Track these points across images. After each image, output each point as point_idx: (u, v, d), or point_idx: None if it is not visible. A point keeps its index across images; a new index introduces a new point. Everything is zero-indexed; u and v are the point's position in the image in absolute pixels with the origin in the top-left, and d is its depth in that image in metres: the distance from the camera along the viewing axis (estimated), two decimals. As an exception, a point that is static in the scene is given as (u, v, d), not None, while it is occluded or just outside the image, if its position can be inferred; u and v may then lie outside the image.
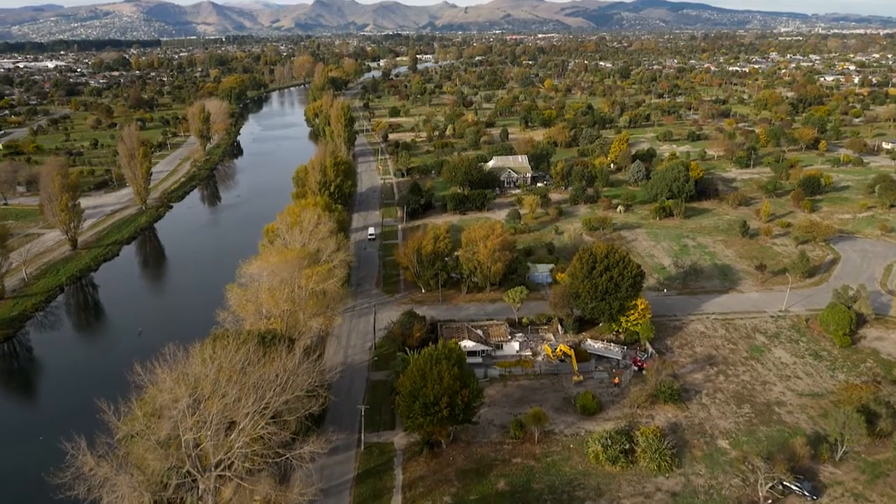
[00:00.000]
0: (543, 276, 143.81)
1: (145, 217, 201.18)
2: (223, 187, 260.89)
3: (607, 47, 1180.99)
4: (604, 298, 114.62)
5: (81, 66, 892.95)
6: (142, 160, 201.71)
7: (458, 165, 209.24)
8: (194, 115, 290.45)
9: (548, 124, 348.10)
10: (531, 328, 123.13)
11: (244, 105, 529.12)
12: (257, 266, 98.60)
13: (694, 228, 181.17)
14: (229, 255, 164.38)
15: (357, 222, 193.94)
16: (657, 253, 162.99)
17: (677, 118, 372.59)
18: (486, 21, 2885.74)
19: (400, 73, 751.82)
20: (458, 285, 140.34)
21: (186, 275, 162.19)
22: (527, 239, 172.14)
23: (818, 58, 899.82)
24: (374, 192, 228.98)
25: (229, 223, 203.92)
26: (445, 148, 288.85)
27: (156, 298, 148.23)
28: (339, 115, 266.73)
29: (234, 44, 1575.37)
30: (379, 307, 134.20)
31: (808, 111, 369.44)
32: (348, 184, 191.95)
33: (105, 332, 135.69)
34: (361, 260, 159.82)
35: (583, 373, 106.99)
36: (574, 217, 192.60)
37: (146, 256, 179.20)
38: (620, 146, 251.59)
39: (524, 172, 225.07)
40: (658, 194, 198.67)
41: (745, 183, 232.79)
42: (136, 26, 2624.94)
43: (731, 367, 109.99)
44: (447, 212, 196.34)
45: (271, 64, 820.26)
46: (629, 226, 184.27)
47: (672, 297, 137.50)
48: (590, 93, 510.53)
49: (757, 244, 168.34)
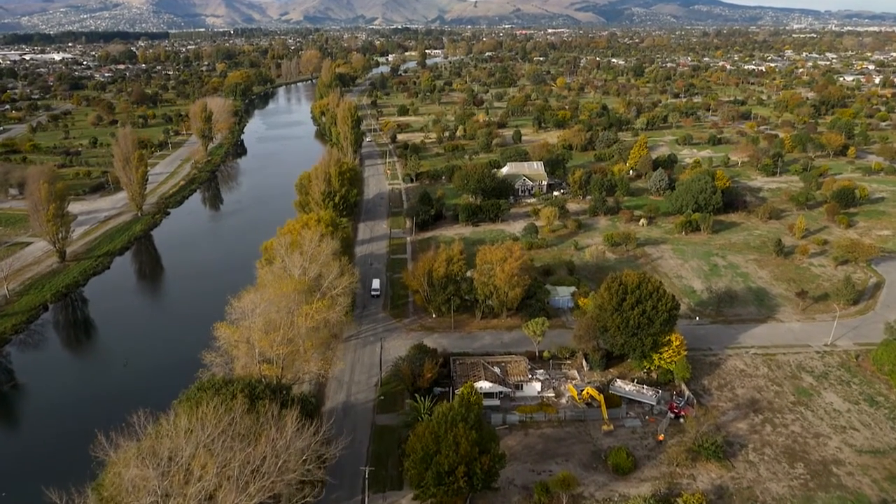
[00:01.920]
0: (564, 300, 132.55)
1: (140, 225, 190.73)
2: (224, 191, 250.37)
3: (619, 43, 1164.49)
4: (635, 334, 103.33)
5: (88, 59, 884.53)
6: (137, 164, 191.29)
7: (471, 173, 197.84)
8: (196, 114, 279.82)
9: (562, 125, 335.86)
10: (553, 363, 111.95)
11: (250, 101, 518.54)
12: (251, 299, 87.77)
13: (723, 245, 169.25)
14: (226, 270, 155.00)
15: (363, 233, 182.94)
16: (685, 273, 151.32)
17: (696, 120, 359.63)
18: (496, 15, 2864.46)
19: (409, 68, 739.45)
20: (471, 309, 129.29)
21: (180, 293, 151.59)
22: (544, 256, 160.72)
23: (835, 56, 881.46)
24: (381, 198, 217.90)
25: (229, 233, 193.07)
26: (456, 151, 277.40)
27: (145, 320, 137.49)
28: (345, 116, 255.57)
29: (241, 37, 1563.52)
30: (386, 334, 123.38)
31: (833, 114, 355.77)
32: (354, 192, 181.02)
33: (88, 359, 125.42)
34: (368, 278, 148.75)
35: (612, 419, 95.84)
36: (594, 230, 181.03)
37: (138, 271, 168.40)
38: (640, 152, 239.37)
39: (540, 180, 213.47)
40: (683, 206, 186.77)
41: (773, 193, 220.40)
42: (146, 18, 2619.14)
43: (779, 415, 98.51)
44: (459, 223, 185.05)
45: (278, 58, 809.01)
46: (653, 241, 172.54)
47: (705, 327, 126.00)
48: (603, 91, 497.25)
49: (792, 264, 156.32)
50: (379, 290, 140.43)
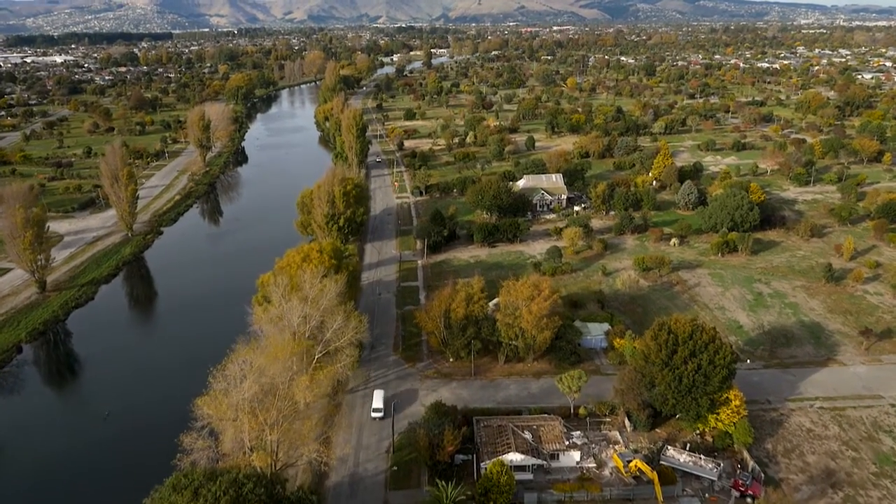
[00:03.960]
0: (598, 339, 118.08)
1: (130, 247, 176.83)
2: (222, 206, 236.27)
3: (626, 41, 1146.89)
4: (689, 393, 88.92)
5: (89, 61, 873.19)
6: (126, 182, 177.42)
7: (485, 188, 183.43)
8: (193, 122, 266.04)
9: (576, 130, 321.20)
10: (590, 421, 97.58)
11: (252, 105, 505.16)
12: (240, 365, 73.70)
13: (765, 269, 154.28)
14: (221, 304, 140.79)
15: (370, 256, 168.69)
16: (728, 304, 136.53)
17: (716, 123, 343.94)
18: (500, 13, 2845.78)
19: (414, 69, 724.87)
20: (492, 351, 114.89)
21: (169, 330, 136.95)
22: (570, 284, 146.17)
23: (849, 52, 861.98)
24: (389, 214, 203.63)
25: (225, 257, 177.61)
26: (467, 159, 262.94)
27: (130, 363, 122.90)
28: (350, 125, 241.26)
29: (245, 37, 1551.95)
30: (397, 383, 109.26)
31: (862, 116, 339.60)
32: (360, 211, 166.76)
33: (65, 409, 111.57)
34: (375, 312, 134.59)
35: (666, 498, 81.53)
36: (621, 251, 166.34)
37: (125, 302, 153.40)
38: (664, 161, 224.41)
39: (559, 194, 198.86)
40: (718, 224, 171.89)
41: (810, 205, 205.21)
42: (150, 18, 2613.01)
43: (861, 492, 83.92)
44: (474, 244, 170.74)
45: (282, 59, 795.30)
46: (687, 264, 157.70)
47: (759, 372, 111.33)
48: (616, 92, 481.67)
49: (845, 292, 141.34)
50: (381, 410, 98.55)
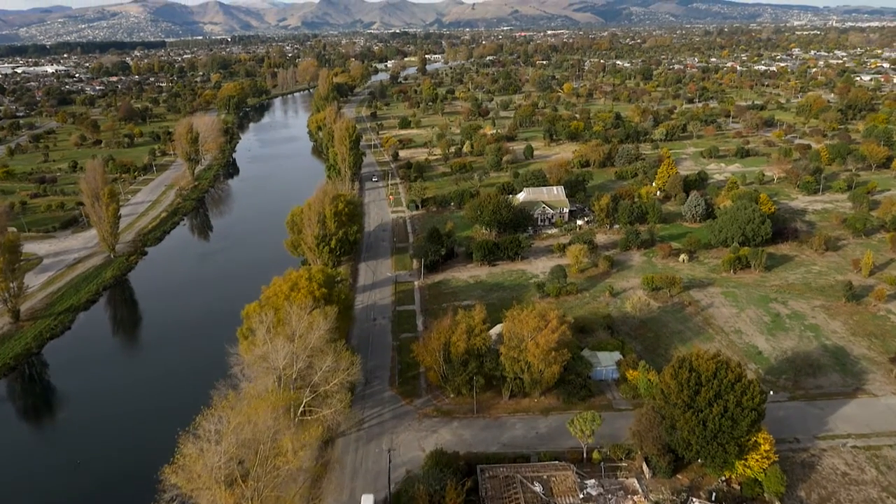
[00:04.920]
0: (609, 370, 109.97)
1: (111, 270, 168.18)
2: (211, 222, 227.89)
3: (621, 44, 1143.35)
4: (715, 438, 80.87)
5: (81, 71, 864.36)
6: (108, 201, 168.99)
7: (484, 203, 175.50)
8: (181, 135, 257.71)
9: (575, 137, 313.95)
10: (605, 466, 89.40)
11: (244, 114, 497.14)
12: (216, 422, 65.40)
13: (780, 287, 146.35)
14: (203, 334, 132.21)
15: (364, 277, 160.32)
16: (744, 327, 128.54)
17: (717, 128, 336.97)
18: (494, 17, 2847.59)
19: (408, 75, 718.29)
20: (495, 385, 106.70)
21: (148, 363, 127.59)
22: (576, 306, 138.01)
23: (845, 54, 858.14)
24: (384, 230, 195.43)
25: (212, 279, 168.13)
26: (464, 170, 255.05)
27: (105, 402, 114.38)
28: (343, 136, 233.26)
29: (239, 44, 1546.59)
30: (394, 423, 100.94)
31: (866, 120, 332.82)
32: (353, 230, 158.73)
33: (35, 455, 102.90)
34: (370, 341, 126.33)
35: (694, 560, 73.45)
36: (628, 269, 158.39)
37: (103, 332, 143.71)
38: (669, 171, 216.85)
39: (561, 207, 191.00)
40: (728, 238, 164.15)
41: (821, 216, 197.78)
42: (143, 27, 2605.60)
43: (909, 548, 76.05)
44: (473, 262, 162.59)
45: (275, 67, 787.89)
46: (698, 282, 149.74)
47: (784, 405, 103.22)
48: (613, 97, 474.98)
49: (867, 312, 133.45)
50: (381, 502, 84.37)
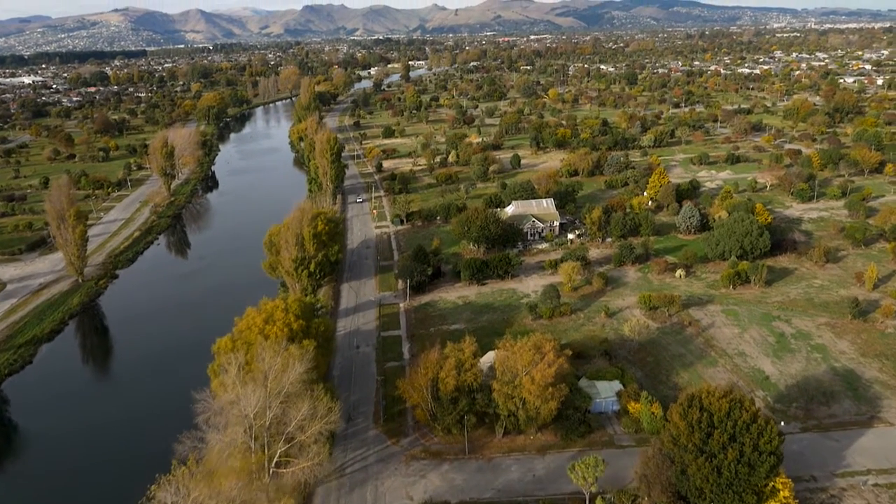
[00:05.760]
0: (609, 402, 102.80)
1: (79, 296, 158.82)
2: (187, 241, 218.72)
3: (604, 49, 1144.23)
4: (730, 486, 73.84)
5: (59, 82, 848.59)
6: (74, 223, 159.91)
7: (472, 218, 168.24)
8: (155, 150, 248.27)
9: (562, 145, 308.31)
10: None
11: (225, 124, 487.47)
12: (172, 495, 57.38)
13: (783, 303, 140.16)
14: (171, 369, 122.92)
15: (347, 299, 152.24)
16: (748, 348, 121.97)
17: (705, 134, 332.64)
18: (477, 23, 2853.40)
19: (392, 82, 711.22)
20: (488, 421, 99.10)
21: (111, 402, 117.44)
22: (570, 329, 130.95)
23: (826, 56, 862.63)
24: (367, 247, 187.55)
25: (184, 305, 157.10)
26: (450, 181, 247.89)
27: (60, 450, 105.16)
28: (324, 149, 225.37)
29: (221, 52, 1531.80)
30: (379, 467, 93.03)
31: (854, 123, 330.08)
32: (334, 250, 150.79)
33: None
34: (353, 372, 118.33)
35: None
36: (624, 286, 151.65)
37: (66, 367, 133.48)
38: (660, 180, 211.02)
39: (551, 220, 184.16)
40: (726, 252, 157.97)
41: (817, 224, 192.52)
42: (124, 36, 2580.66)
43: None
44: (461, 281, 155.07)
45: (257, 75, 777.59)
46: (696, 299, 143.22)
47: (796, 437, 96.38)
48: (599, 103, 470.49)
49: (875, 330, 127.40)
50: None
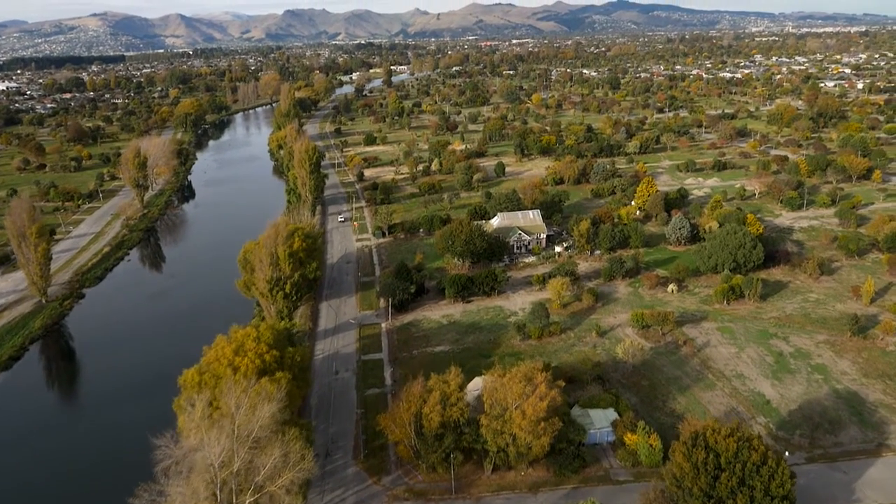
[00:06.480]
0: (604, 433, 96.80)
1: (41, 319, 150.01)
2: (160, 256, 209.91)
3: (586, 53, 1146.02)
4: (740, 534, 68.10)
5: (33, 88, 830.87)
6: (36, 241, 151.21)
7: (456, 232, 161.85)
8: (127, 160, 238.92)
9: (547, 152, 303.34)
10: (608, 562, 76.12)
11: (203, 131, 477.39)
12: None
13: (779, 319, 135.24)
14: (138, 404, 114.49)
15: (326, 319, 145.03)
16: (746, 370, 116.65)
17: (690, 139, 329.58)
18: (459, 27, 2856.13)
19: (374, 87, 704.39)
20: (476, 458, 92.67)
21: (68, 444, 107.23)
22: (560, 349, 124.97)
23: (805, 60, 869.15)
24: (348, 262, 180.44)
25: (155, 328, 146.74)
26: (433, 191, 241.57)
27: (26, 492, 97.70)
28: (303, 159, 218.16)
29: (201, 57, 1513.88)
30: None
31: (838, 128, 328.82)
32: (312, 267, 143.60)
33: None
34: (332, 400, 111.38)
35: None
36: (614, 302, 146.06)
37: (23, 400, 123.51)
38: (648, 189, 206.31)
39: (538, 233, 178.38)
40: (719, 265, 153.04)
41: (808, 234, 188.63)
42: (103, 41, 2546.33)
43: None
44: (446, 298, 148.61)
45: (237, 80, 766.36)
46: (690, 316, 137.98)
47: (803, 469, 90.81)
48: (583, 108, 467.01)
49: (875, 347, 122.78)
50: None
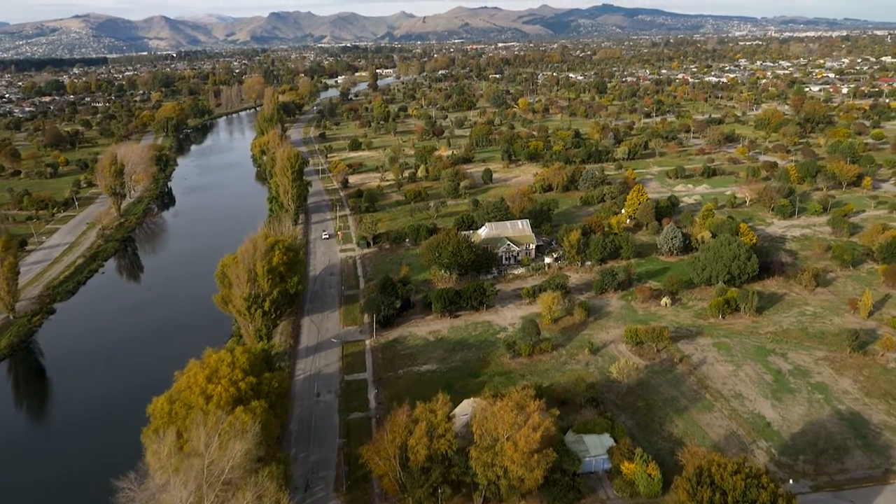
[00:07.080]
0: (600, 461, 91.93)
1: (7, 337, 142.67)
2: (136, 268, 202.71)
3: (572, 57, 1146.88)
4: (749, 581, 63.43)
5: (12, 91, 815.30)
6: (2, 255, 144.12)
7: (443, 244, 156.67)
8: (103, 168, 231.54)
9: (535, 158, 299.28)
10: None
11: (185, 136, 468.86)
12: None
13: (776, 334, 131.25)
14: (104, 433, 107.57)
15: (308, 336, 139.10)
16: (745, 389, 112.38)
17: (679, 145, 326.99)
18: (445, 30, 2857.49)
19: (359, 91, 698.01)
20: (465, 490, 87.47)
21: (27, 479, 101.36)
22: (552, 368, 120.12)
23: (789, 64, 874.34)
24: (331, 274, 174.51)
25: (127, 348, 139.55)
26: (419, 198, 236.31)
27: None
28: (285, 167, 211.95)
29: (185, 60, 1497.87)
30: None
31: (826, 134, 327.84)
32: (294, 281, 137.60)
33: None
34: (313, 425, 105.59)
35: None
36: (607, 316, 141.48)
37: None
38: (639, 197, 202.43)
39: (527, 243, 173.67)
40: (713, 277, 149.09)
41: (801, 243, 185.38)
42: (85, 43, 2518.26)
43: None
44: (433, 313, 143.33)
45: (220, 84, 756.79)
46: (685, 331, 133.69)
47: (808, 497, 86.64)
48: (570, 112, 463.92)
49: (877, 365, 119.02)
50: None
